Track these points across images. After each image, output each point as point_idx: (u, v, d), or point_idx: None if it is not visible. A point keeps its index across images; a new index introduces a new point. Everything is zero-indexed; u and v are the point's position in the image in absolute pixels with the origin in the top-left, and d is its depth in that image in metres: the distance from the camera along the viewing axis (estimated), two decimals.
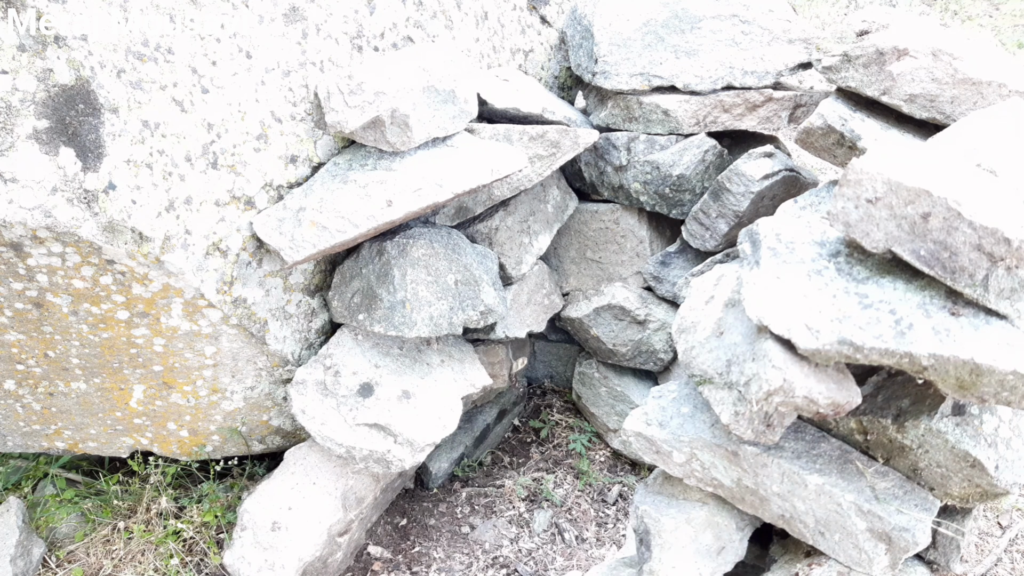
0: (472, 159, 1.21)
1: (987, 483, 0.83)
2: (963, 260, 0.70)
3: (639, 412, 1.02)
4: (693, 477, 0.98)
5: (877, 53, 1.09)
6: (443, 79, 1.18)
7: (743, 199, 1.32)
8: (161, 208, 0.97)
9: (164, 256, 0.99)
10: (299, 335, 1.26)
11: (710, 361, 0.90)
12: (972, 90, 1.05)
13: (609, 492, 1.59)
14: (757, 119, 1.41)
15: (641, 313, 1.55)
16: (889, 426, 0.87)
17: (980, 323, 0.71)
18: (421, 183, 1.15)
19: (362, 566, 1.39)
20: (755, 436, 0.87)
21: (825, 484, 0.87)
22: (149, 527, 1.36)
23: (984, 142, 0.87)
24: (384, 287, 1.20)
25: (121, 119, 0.93)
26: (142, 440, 1.37)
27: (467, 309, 1.27)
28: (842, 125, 1.12)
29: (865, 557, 0.87)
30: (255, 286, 1.15)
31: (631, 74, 1.38)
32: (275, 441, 1.43)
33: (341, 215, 1.11)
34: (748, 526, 1.04)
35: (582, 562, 1.43)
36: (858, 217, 0.76)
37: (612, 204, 1.54)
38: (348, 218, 1.11)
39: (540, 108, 1.36)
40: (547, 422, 1.76)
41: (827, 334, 0.74)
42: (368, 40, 1.23)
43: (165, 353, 1.19)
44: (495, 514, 1.52)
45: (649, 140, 1.41)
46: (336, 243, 1.11)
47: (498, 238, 1.41)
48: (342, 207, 1.11)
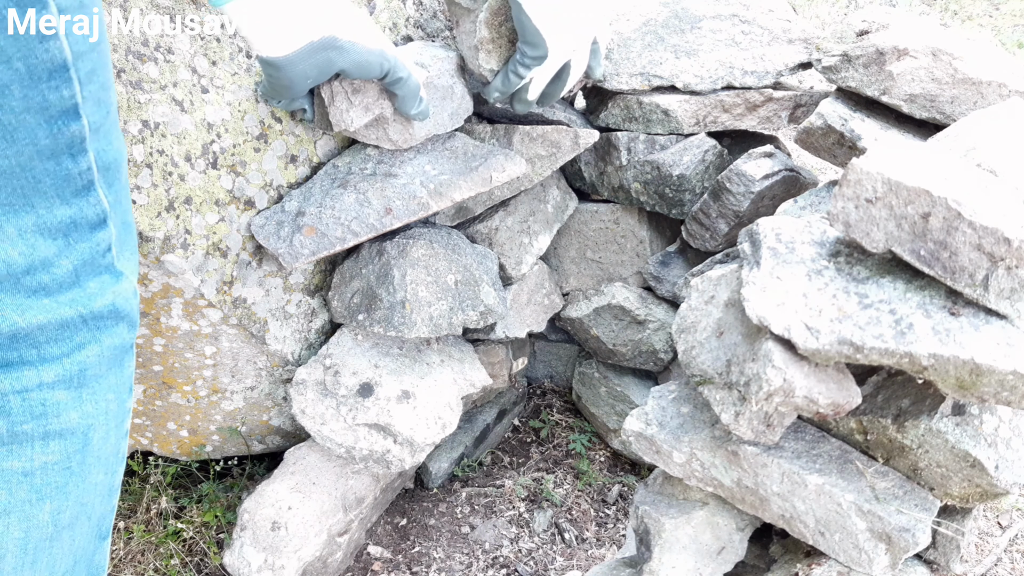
0: (471, 165, 1.21)
1: (987, 483, 0.83)
2: (963, 260, 0.70)
3: (639, 412, 1.02)
4: (693, 477, 0.98)
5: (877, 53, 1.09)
6: (441, 75, 1.18)
7: (743, 199, 1.32)
8: (161, 208, 0.97)
9: (164, 256, 0.99)
10: (299, 335, 1.26)
11: (710, 361, 0.90)
12: (972, 90, 1.05)
13: (609, 492, 1.59)
14: (757, 119, 1.41)
15: (641, 313, 1.55)
16: (889, 426, 0.87)
17: (980, 323, 0.71)
18: (420, 191, 1.15)
19: (362, 566, 1.39)
20: (755, 436, 0.87)
21: (825, 484, 0.87)
22: (149, 527, 1.36)
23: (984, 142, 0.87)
24: (384, 287, 1.20)
25: (121, 119, 0.93)
26: (142, 440, 1.37)
27: (467, 309, 1.27)
28: (842, 125, 1.12)
29: (865, 557, 0.87)
30: (255, 286, 1.15)
31: (631, 74, 1.38)
32: (275, 441, 1.43)
33: (340, 222, 1.11)
34: (748, 526, 1.04)
35: (582, 562, 1.43)
36: (858, 217, 0.76)
37: (612, 204, 1.54)
38: (347, 225, 1.11)
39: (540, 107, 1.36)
40: (547, 422, 1.76)
41: (827, 334, 0.74)
42: None
43: (165, 353, 1.19)
44: (495, 514, 1.52)
45: (649, 140, 1.41)
46: (335, 251, 1.11)
47: (498, 238, 1.41)
48: (341, 213, 1.11)
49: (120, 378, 0.69)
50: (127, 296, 0.67)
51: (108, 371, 0.67)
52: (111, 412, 0.68)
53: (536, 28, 1.00)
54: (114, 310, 0.65)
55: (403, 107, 1.07)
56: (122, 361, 0.69)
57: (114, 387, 0.68)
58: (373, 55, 0.95)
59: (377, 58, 0.96)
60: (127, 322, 0.68)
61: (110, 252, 0.65)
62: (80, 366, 0.64)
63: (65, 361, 0.63)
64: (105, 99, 0.63)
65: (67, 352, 0.63)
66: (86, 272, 0.63)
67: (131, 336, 0.69)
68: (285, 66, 0.89)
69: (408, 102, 1.06)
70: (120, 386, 0.69)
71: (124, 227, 0.68)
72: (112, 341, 0.66)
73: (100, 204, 0.63)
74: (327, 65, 0.92)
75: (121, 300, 0.66)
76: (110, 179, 0.64)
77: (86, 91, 0.59)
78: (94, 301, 0.64)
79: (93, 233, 0.63)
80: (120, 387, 0.69)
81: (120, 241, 0.67)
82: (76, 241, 0.61)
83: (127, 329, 0.68)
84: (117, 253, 0.66)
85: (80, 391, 0.64)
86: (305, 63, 0.90)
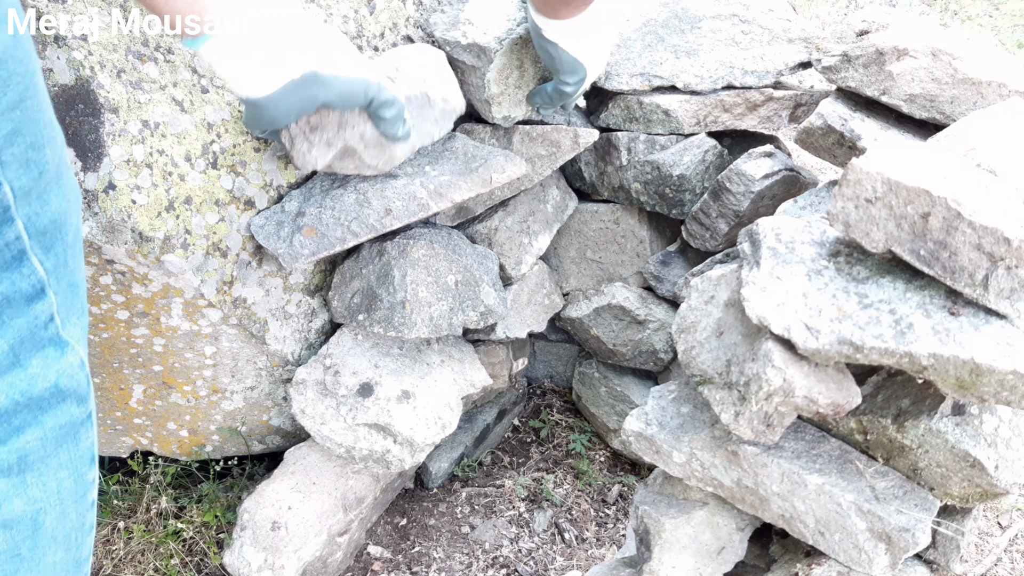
0: (471, 166, 1.21)
1: (987, 483, 0.83)
2: (963, 260, 0.70)
3: (639, 412, 1.02)
4: (693, 477, 0.98)
5: (877, 53, 1.10)
6: (412, 83, 1.12)
7: (743, 199, 1.32)
8: (161, 208, 0.97)
9: (164, 256, 0.99)
10: (299, 335, 1.26)
11: (710, 361, 0.90)
12: (972, 90, 1.05)
13: (609, 492, 1.59)
14: (757, 119, 1.41)
15: (641, 313, 1.55)
16: (889, 426, 0.87)
17: (980, 323, 0.71)
18: (420, 191, 1.15)
19: (362, 566, 1.39)
20: (755, 436, 0.87)
21: (825, 484, 0.87)
22: (149, 527, 1.36)
23: (984, 142, 0.87)
24: (384, 288, 1.20)
25: (121, 119, 0.93)
26: (142, 440, 1.37)
27: (467, 310, 1.27)
28: (842, 125, 1.12)
29: (865, 557, 0.87)
30: (255, 286, 1.15)
31: (631, 74, 1.38)
32: (275, 441, 1.43)
33: (340, 222, 1.10)
34: (748, 526, 1.04)
35: (582, 562, 1.43)
36: (858, 217, 0.76)
37: (612, 204, 1.54)
38: (347, 226, 1.10)
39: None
40: (547, 422, 1.76)
41: (827, 334, 0.74)
42: (368, 40, 1.23)
43: (165, 353, 1.19)
44: (495, 514, 1.52)
45: (649, 140, 1.41)
46: (334, 252, 1.11)
47: (498, 238, 1.41)
48: (341, 214, 1.11)
49: (75, 453, 0.65)
50: (72, 371, 0.63)
51: (57, 450, 0.63)
52: (65, 490, 0.64)
53: (574, 58, 1.11)
54: (57, 390, 0.61)
55: (389, 130, 1.02)
56: (76, 435, 0.65)
57: (67, 464, 0.64)
58: (357, 84, 0.92)
59: (361, 86, 0.92)
60: (74, 398, 0.63)
61: (52, 322, 0.61)
62: (19, 453, 0.59)
63: (1, 449, 0.58)
64: (37, 158, 0.57)
65: (2, 439, 0.58)
66: (26, 350, 0.59)
67: (82, 410, 0.65)
68: (268, 105, 0.86)
69: (393, 125, 1.01)
70: (76, 460, 0.65)
71: (70, 289, 0.63)
72: (56, 421, 0.62)
73: (35, 274, 0.58)
74: (310, 100, 0.89)
75: (65, 378, 0.62)
76: (48, 242, 0.60)
77: (6, 155, 0.54)
78: (35, 384, 0.59)
79: (30, 306, 0.58)
80: (76, 461, 0.65)
81: (65, 306, 0.62)
82: (11, 318, 0.57)
83: (75, 405, 0.64)
84: (62, 321, 0.62)
85: (23, 476, 0.60)
86: (287, 101, 0.87)
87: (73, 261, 0.64)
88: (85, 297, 0.67)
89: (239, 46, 0.80)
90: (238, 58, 0.81)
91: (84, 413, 0.65)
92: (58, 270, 0.61)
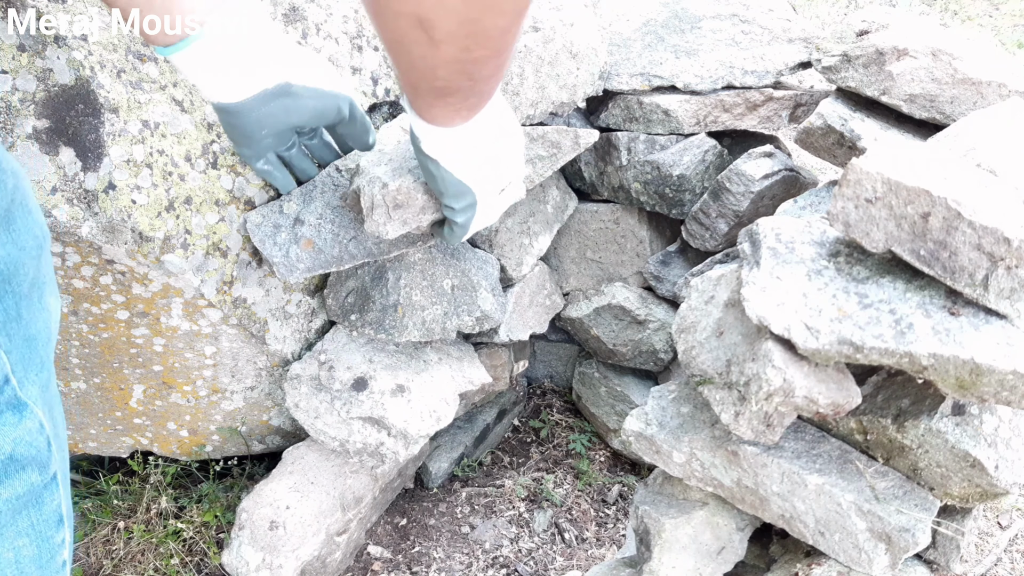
0: None
1: (987, 483, 0.83)
2: (963, 260, 0.70)
3: (639, 412, 1.02)
4: (693, 477, 0.98)
5: (877, 53, 1.10)
6: None
7: (743, 199, 1.32)
8: (161, 208, 0.97)
9: (164, 256, 0.99)
10: (299, 335, 1.26)
11: (710, 361, 0.90)
12: (972, 90, 1.05)
13: (609, 492, 1.59)
14: (757, 119, 1.41)
15: (641, 313, 1.55)
16: (889, 426, 0.87)
17: (980, 323, 0.71)
18: None
19: (362, 566, 1.39)
20: (755, 436, 0.87)
21: (825, 484, 0.87)
22: (149, 527, 1.36)
23: (984, 142, 0.87)
24: (377, 289, 1.20)
25: (121, 119, 0.93)
26: (142, 440, 1.37)
27: (462, 315, 1.26)
28: (842, 125, 1.12)
29: (865, 557, 0.87)
30: (255, 286, 1.15)
31: (631, 74, 1.38)
32: (275, 441, 1.43)
33: (338, 240, 1.09)
34: (748, 526, 1.04)
35: (582, 562, 1.43)
36: (858, 217, 0.76)
37: (612, 204, 1.54)
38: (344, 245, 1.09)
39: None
40: (547, 422, 1.76)
41: (827, 334, 0.74)
42: (368, 40, 1.23)
43: (165, 353, 1.19)
44: (495, 514, 1.52)
45: (649, 140, 1.41)
46: (330, 271, 1.09)
47: (498, 240, 1.41)
48: (340, 230, 1.10)
49: (37, 518, 0.61)
50: (31, 437, 0.58)
51: (15, 519, 0.59)
52: (27, 558, 0.60)
53: (459, 180, 0.92)
54: (11, 460, 0.57)
55: (360, 141, 1.02)
56: (39, 500, 0.61)
57: (27, 531, 0.60)
58: (328, 99, 0.92)
59: (333, 101, 0.92)
60: (34, 465, 0.59)
61: (8, 383, 0.56)
62: None
63: None
64: None
65: None
66: None
67: (43, 476, 0.61)
68: (240, 112, 0.86)
69: (364, 135, 1.01)
70: (40, 525, 0.61)
71: (26, 344, 0.58)
72: (13, 492, 0.58)
73: None
74: (283, 114, 0.89)
75: (23, 446, 0.57)
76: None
77: None
78: None
79: None
80: (40, 526, 0.61)
81: (22, 364, 0.58)
82: None
83: (36, 472, 0.60)
84: (19, 380, 0.57)
85: None
86: (260, 111, 0.87)
87: (28, 312, 0.59)
88: (48, 348, 0.63)
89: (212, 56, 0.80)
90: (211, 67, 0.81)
91: (46, 478, 0.61)
92: (8, 325, 0.56)
